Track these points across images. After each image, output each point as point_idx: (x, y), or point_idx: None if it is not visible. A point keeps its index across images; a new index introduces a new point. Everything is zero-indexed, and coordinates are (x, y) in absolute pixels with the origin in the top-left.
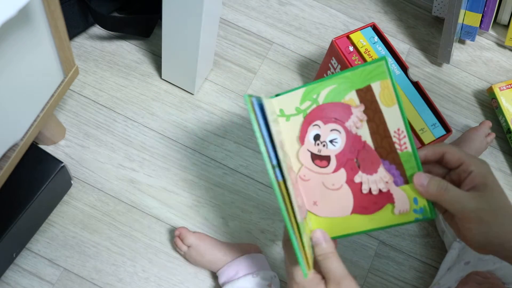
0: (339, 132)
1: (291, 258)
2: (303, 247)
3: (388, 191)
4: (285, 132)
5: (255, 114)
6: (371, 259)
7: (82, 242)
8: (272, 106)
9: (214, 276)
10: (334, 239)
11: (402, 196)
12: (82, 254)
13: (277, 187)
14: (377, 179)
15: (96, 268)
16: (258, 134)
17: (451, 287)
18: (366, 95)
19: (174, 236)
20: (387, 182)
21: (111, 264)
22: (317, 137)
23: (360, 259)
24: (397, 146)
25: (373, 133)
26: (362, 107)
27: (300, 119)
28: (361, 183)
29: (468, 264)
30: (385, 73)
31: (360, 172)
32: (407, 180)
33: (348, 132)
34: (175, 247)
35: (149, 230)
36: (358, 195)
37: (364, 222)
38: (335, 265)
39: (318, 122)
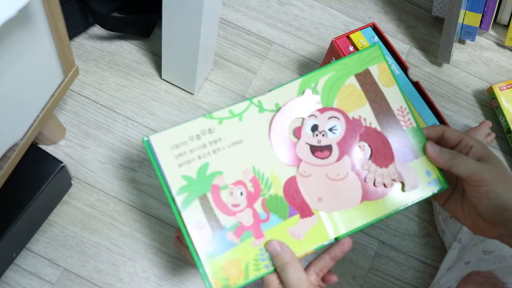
0: (338, 118)
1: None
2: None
3: (396, 169)
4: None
5: (152, 154)
6: (371, 259)
7: (82, 242)
8: (166, 139)
9: None
10: (353, 233)
11: (411, 172)
12: (82, 254)
13: (179, 218)
14: (385, 174)
15: (96, 268)
16: (158, 174)
17: (451, 287)
18: (366, 79)
19: (174, 236)
20: (393, 180)
21: (111, 264)
22: (315, 128)
23: (360, 259)
24: (402, 123)
25: (377, 114)
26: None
27: None
28: (367, 171)
29: (468, 264)
30: (380, 57)
31: (370, 161)
32: (417, 155)
33: (347, 117)
34: (174, 247)
35: (149, 230)
36: (362, 182)
37: (378, 208)
38: (292, 275)
39: (314, 112)
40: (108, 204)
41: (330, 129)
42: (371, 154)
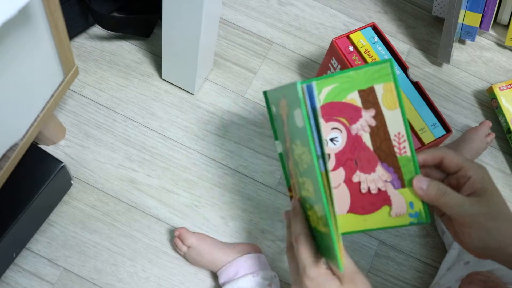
0: (340, 131)
1: (303, 254)
2: (340, 243)
3: (386, 192)
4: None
5: (306, 103)
6: (371, 259)
7: (82, 242)
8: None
9: (214, 276)
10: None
11: (399, 199)
12: (82, 254)
13: (321, 179)
14: (376, 178)
15: (96, 268)
16: (307, 123)
17: (451, 287)
18: (369, 97)
19: (174, 236)
20: (386, 181)
21: (111, 264)
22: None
23: (360, 259)
24: (396, 150)
25: (372, 135)
26: (373, 112)
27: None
28: (359, 183)
29: (468, 264)
30: (389, 76)
31: (358, 172)
32: (404, 184)
33: (349, 131)
34: (175, 247)
35: (149, 230)
36: (356, 195)
37: (358, 222)
38: (347, 261)
39: (320, 119)
40: (108, 204)
41: (332, 139)
42: (356, 164)
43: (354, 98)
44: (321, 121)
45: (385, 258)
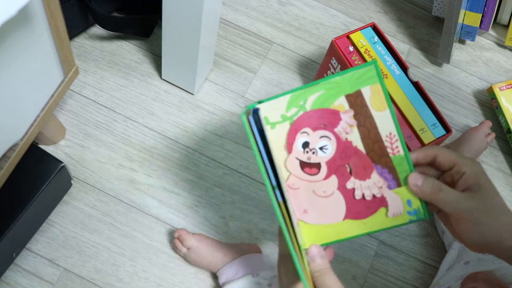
0: (329, 138)
1: (288, 275)
2: (304, 266)
3: (382, 195)
4: (271, 140)
5: (253, 134)
6: (371, 259)
7: (82, 242)
8: (268, 117)
9: (214, 276)
10: (326, 245)
11: (395, 199)
12: (82, 254)
13: (278, 209)
14: (371, 185)
15: (96, 268)
16: (257, 155)
17: (451, 287)
18: (356, 100)
19: (174, 237)
20: (381, 187)
21: (111, 264)
22: (306, 145)
23: (360, 259)
24: (389, 150)
25: (364, 138)
26: (352, 112)
27: (286, 126)
28: (353, 189)
29: (468, 264)
30: (375, 78)
31: (352, 178)
32: (400, 183)
33: (338, 138)
34: (174, 248)
35: (149, 230)
36: (351, 201)
37: (357, 227)
38: (332, 281)
39: (307, 129)
40: (108, 204)
41: (321, 148)
42: (350, 171)
43: (341, 104)
44: (276, 151)
45: (385, 258)
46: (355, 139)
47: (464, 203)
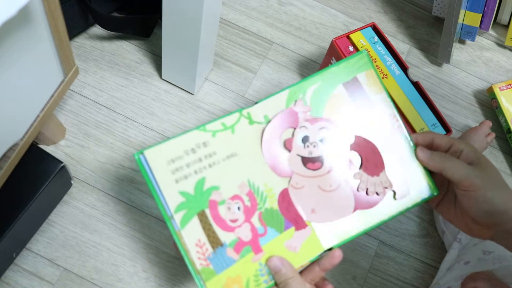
0: (329, 129)
1: None
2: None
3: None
4: (159, 178)
5: (146, 171)
6: (371, 259)
7: (82, 242)
8: (161, 154)
9: None
10: (346, 242)
11: (401, 180)
12: (82, 254)
13: (178, 238)
14: (377, 182)
15: (96, 268)
16: (152, 191)
17: (451, 287)
18: (354, 87)
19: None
20: (385, 188)
21: (111, 264)
22: (305, 139)
23: (360, 259)
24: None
25: (366, 123)
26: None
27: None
28: (359, 182)
29: (468, 264)
30: (368, 64)
31: (360, 170)
32: (406, 162)
33: (337, 127)
34: (174, 249)
35: (149, 230)
36: (356, 192)
37: (370, 217)
38: None
39: (305, 123)
40: (108, 204)
41: (321, 140)
42: (361, 164)
43: (340, 92)
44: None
45: (385, 258)
46: (358, 125)
47: (472, 170)
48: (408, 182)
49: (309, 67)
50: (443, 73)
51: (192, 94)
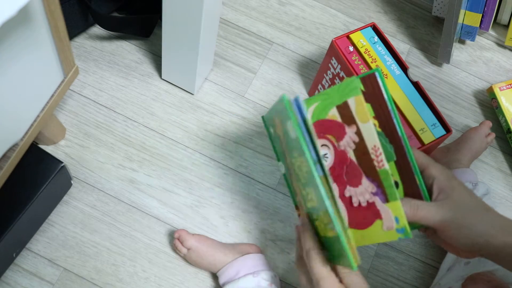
0: (329, 147)
1: (316, 269)
2: (350, 242)
3: (375, 205)
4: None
5: (294, 112)
6: (371, 259)
7: (82, 242)
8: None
9: (214, 276)
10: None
11: (387, 212)
12: (82, 254)
13: (320, 182)
14: (363, 191)
15: (96, 268)
16: (298, 131)
17: (452, 287)
18: (345, 111)
19: (174, 238)
20: (372, 193)
21: (111, 264)
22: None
23: (360, 259)
24: (375, 163)
25: (355, 150)
26: (354, 128)
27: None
28: (351, 197)
29: (469, 264)
30: (357, 89)
31: (348, 186)
32: (387, 199)
33: (335, 147)
34: (174, 249)
35: (149, 230)
36: (351, 210)
37: (358, 238)
38: (357, 280)
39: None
40: (108, 204)
41: (323, 156)
42: (346, 180)
43: (334, 114)
44: (313, 131)
45: (385, 258)
46: (349, 149)
47: (443, 212)
48: (392, 217)
49: (309, 67)
50: (443, 73)
51: (192, 94)
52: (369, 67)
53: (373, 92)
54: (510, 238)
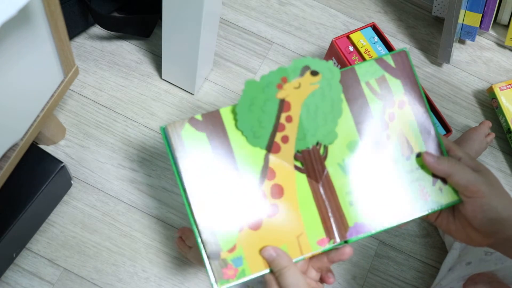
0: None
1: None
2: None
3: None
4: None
5: (170, 147)
6: (371, 259)
7: (82, 242)
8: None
9: None
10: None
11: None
12: (82, 254)
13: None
14: None
15: (96, 268)
16: (174, 171)
17: None
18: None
19: (176, 236)
20: None
21: (111, 264)
22: None
23: (360, 259)
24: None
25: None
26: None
27: None
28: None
29: (469, 265)
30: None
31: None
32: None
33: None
34: (177, 247)
35: (149, 230)
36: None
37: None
38: (289, 280)
39: None
40: (108, 204)
41: None
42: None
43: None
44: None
45: (385, 258)
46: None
47: (478, 176)
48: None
49: None
50: (443, 73)
51: (192, 94)
52: None
53: (403, 69)
54: None
